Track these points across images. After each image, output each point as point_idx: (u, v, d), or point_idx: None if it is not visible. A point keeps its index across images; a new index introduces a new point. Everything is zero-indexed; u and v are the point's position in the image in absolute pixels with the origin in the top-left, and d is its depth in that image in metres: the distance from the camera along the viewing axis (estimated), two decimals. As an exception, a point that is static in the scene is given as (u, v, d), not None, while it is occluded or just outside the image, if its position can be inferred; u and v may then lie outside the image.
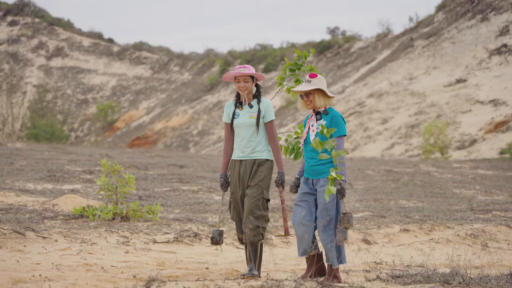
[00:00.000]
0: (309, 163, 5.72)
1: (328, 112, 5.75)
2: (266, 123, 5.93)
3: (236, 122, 5.93)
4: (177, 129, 51.24)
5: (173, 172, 17.13)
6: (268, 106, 5.95)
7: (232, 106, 6.03)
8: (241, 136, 5.91)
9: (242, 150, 5.89)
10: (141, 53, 64.48)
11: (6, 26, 64.73)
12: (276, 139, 5.93)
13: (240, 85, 5.89)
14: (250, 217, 5.73)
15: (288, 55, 53.73)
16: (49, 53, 62.03)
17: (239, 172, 5.87)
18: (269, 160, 5.88)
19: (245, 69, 5.88)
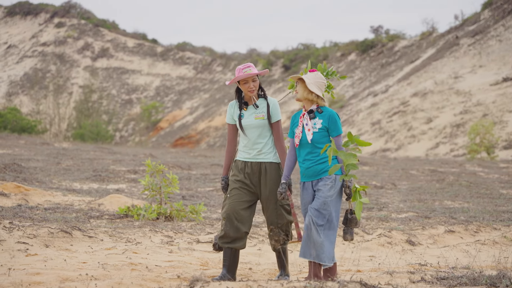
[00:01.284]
0: (306, 165, 5.39)
1: (323, 110, 5.42)
2: (272, 123, 5.67)
3: (242, 123, 5.65)
4: (220, 129, 51.45)
5: (216, 172, 17.22)
6: (275, 106, 5.70)
7: (235, 106, 5.73)
8: (247, 139, 5.65)
9: (248, 151, 5.65)
10: (185, 53, 64.97)
11: (53, 28, 65.96)
12: (283, 140, 5.69)
13: (250, 86, 5.59)
14: (274, 229, 5.61)
15: (330, 54, 53.50)
16: (94, 54, 62.97)
17: (245, 172, 5.62)
18: (275, 163, 5.65)
19: (251, 69, 5.61)
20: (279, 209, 5.60)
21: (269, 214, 5.61)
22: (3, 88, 56.75)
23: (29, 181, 12.61)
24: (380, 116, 38.49)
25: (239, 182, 5.59)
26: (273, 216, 5.60)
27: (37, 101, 52.81)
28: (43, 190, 10.97)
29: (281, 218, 5.61)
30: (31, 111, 50.27)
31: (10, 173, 13.65)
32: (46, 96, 53.90)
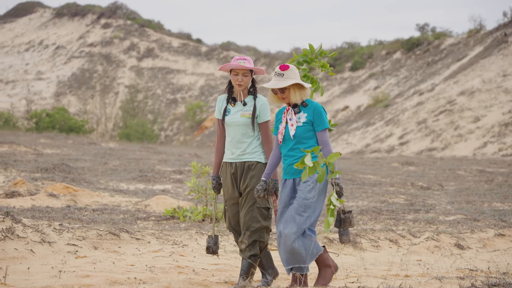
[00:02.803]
0: (288, 162, 5.06)
1: (308, 103, 5.12)
2: (260, 123, 5.33)
3: (226, 119, 5.34)
4: (264, 128, 51.47)
5: (261, 173, 17.22)
6: (264, 105, 5.37)
7: (224, 101, 5.43)
8: (231, 136, 5.35)
9: (232, 151, 5.34)
10: (229, 52, 65.19)
11: (100, 29, 66.94)
12: (271, 141, 5.35)
13: (238, 79, 5.28)
14: (246, 232, 5.20)
15: (375, 52, 53.02)
16: (140, 54, 63.67)
17: (231, 175, 5.32)
18: (260, 162, 5.28)
19: (245, 62, 5.29)
20: (255, 211, 5.20)
21: (243, 214, 5.22)
22: (52, 88, 57.82)
23: (77, 181, 12.81)
24: (426, 115, 37.98)
25: (230, 191, 5.29)
26: (247, 219, 5.20)
27: (84, 101, 53.62)
28: (91, 190, 11.13)
29: (256, 221, 5.19)
30: (78, 111, 51.07)
31: (59, 173, 13.89)
32: (93, 96, 54.72)
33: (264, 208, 5.21)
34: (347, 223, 4.97)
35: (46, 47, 65.72)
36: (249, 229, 5.17)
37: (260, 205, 5.19)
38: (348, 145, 38.24)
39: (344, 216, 4.96)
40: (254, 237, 5.19)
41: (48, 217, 8.06)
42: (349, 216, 4.97)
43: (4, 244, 6.00)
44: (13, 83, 58.49)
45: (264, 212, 5.22)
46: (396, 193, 13.34)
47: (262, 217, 5.21)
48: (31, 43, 66.99)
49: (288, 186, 5.07)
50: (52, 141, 24.92)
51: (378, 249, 7.88)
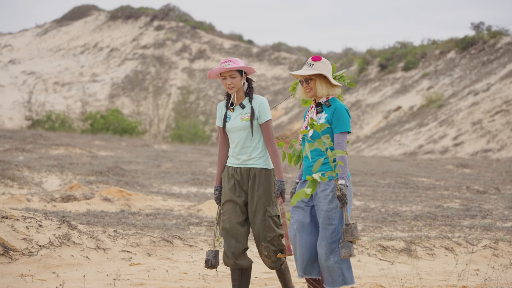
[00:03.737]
0: (306, 162, 4.83)
1: (331, 103, 4.84)
2: (261, 124, 5.12)
3: (227, 126, 5.15)
4: (315, 129, 51.26)
5: (313, 175, 17.13)
6: (263, 104, 5.18)
7: (223, 107, 5.25)
8: (234, 142, 5.15)
9: (236, 157, 5.13)
10: (280, 53, 65.19)
11: (152, 31, 67.77)
12: (274, 141, 5.12)
13: (227, 82, 5.09)
14: (263, 244, 5.03)
15: (428, 52, 52.24)
16: (192, 56, 64.22)
17: (235, 178, 5.12)
18: (265, 169, 5.09)
19: (230, 63, 5.10)
20: (268, 220, 5.01)
21: (257, 226, 5.03)
22: (106, 90, 58.81)
23: (131, 184, 12.97)
24: (481, 116, 37.22)
25: (231, 193, 5.10)
26: (260, 229, 5.02)
27: (137, 102, 54.40)
28: (144, 194, 11.24)
29: (270, 231, 5.01)
30: (131, 112, 51.80)
31: (113, 176, 14.09)
32: (146, 98, 55.44)
33: (275, 216, 5.06)
34: (348, 234, 4.61)
35: (100, 50, 66.91)
36: (265, 239, 5.03)
37: (271, 214, 5.02)
38: (400, 146, 37.78)
39: (346, 227, 4.62)
40: (273, 246, 5.04)
41: (103, 222, 8.17)
42: (350, 227, 4.62)
43: (60, 251, 6.10)
44: (68, 85, 59.73)
45: (276, 220, 5.07)
46: (451, 197, 13.08)
47: (276, 225, 5.06)
48: (86, 45, 68.30)
49: None
50: (106, 143, 25.32)
51: (434, 257, 7.72)
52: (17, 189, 11.74)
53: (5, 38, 72.06)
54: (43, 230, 6.31)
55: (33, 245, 6.04)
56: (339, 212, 4.67)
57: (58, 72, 62.76)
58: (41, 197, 10.41)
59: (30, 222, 6.34)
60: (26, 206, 9.52)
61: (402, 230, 9.34)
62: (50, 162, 15.87)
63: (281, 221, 4.99)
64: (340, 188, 4.59)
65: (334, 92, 4.88)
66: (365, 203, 12.21)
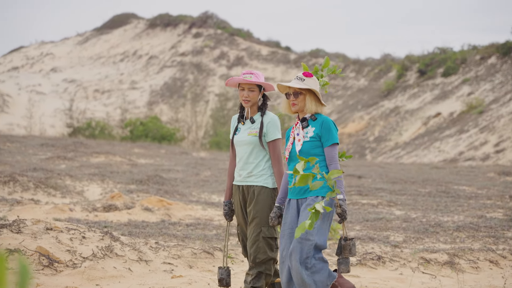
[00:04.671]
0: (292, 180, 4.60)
1: (317, 117, 4.75)
2: (268, 142, 4.93)
3: (235, 139, 5.01)
4: (353, 136, 51.00)
5: (351, 184, 17.02)
6: (273, 122, 5.00)
7: (236, 120, 5.13)
8: (239, 156, 5.00)
9: (239, 172, 5.00)
10: (317, 60, 65.03)
11: (191, 38, 68.29)
12: (281, 162, 4.93)
13: (244, 94, 4.97)
14: (251, 264, 4.85)
15: (469, 57, 51.56)
16: (229, 63, 64.50)
17: (239, 199, 4.98)
18: (265, 187, 4.89)
19: (251, 76, 4.97)
20: (261, 241, 4.82)
21: (249, 245, 4.86)
22: (145, 97, 59.41)
23: (171, 193, 13.05)
24: (524, 122, 36.56)
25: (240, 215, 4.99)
26: (252, 249, 4.84)
27: (176, 109, 54.80)
28: (184, 204, 11.30)
29: (262, 252, 4.82)
30: (170, 119, 52.20)
31: (153, 185, 14.20)
32: (184, 105, 55.83)
33: (270, 238, 4.85)
34: (347, 251, 4.49)
35: (139, 57, 67.65)
36: (254, 261, 4.83)
37: (266, 235, 4.83)
38: (440, 153, 37.34)
39: (345, 243, 4.49)
40: (260, 269, 4.84)
41: (144, 233, 8.24)
42: (349, 243, 4.49)
43: (103, 263, 6.16)
44: (108, 93, 60.51)
45: (271, 243, 4.87)
46: (493, 207, 12.86)
47: (269, 248, 4.86)
48: (125, 53, 69.13)
49: (293, 206, 4.68)
50: (146, 150, 25.55)
51: (478, 270, 7.59)
52: (60, 198, 11.91)
53: (47, 47, 73.39)
54: (87, 241, 6.39)
55: (77, 256, 6.11)
56: (319, 231, 4.49)
57: (98, 79, 63.64)
58: (83, 206, 10.54)
59: (74, 233, 6.42)
60: (69, 216, 9.66)
61: (444, 241, 9.21)
62: (91, 171, 16.08)
63: (278, 244, 4.79)
64: (340, 205, 4.45)
65: (322, 110, 4.79)
66: (406, 212, 12.08)
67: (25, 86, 60.30)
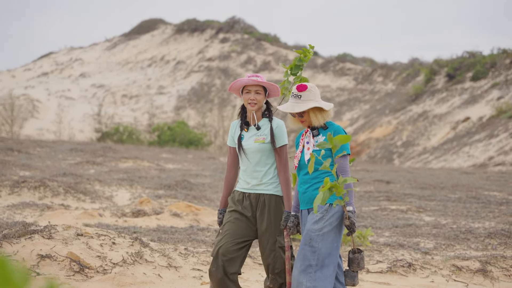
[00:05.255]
0: (301, 189, 4.56)
1: (328, 126, 4.60)
2: (276, 148, 4.78)
3: (241, 146, 4.82)
4: (381, 140, 50.69)
5: (380, 189, 16.90)
6: (280, 127, 4.81)
7: (237, 127, 4.92)
8: (245, 164, 4.81)
9: (246, 181, 4.80)
10: (345, 64, 64.83)
11: (218, 43, 68.52)
12: (287, 169, 4.77)
13: (250, 97, 4.76)
14: (271, 275, 4.73)
15: (498, 61, 50.98)
16: (256, 68, 64.56)
17: (242, 205, 4.77)
18: (276, 195, 4.77)
19: (258, 78, 4.79)
20: (278, 251, 4.70)
21: (265, 257, 4.74)
22: (172, 102, 59.71)
23: (199, 198, 13.06)
24: (555, 127, 36.04)
25: (234, 214, 4.76)
26: (269, 260, 4.71)
27: (203, 114, 54.97)
28: (212, 209, 11.30)
29: (280, 262, 4.71)
30: (197, 124, 52.39)
31: (181, 190, 14.23)
32: (211, 109, 56.01)
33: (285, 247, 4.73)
34: (355, 264, 4.35)
35: (167, 62, 68.04)
36: (273, 271, 4.72)
37: (282, 245, 4.71)
38: (469, 157, 36.94)
39: (353, 256, 4.35)
40: (281, 279, 4.72)
41: (173, 238, 8.25)
42: (358, 257, 4.35)
43: (133, 268, 6.17)
44: (136, 98, 60.93)
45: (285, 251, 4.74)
46: (525, 214, 12.66)
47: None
48: (153, 58, 69.58)
49: (304, 217, 4.57)
50: (173, 155, 25.64)
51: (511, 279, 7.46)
52: (89, 203, 11.99)
53: (76, 52, 74.16)
54: (116, 247, 6.41)
55: (107, 262, 6.13)
56: (323, 238, 4.33)
57: (126, 85, 64.12)
58: (112, 212, 10.60)
59: (104, 239, 6.45)
60: (99, 222, 9.71)
61: (475, 248, 9.08)
62: (119, 176, 16.17)
63: (286, 254, 4.67)
64: (349, 216, 4.29)
65: (328, 116, 4.61)
66: (436, 218, 11.95)
67: (55, 91, 60.99)
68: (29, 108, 53.69)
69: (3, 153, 19.99)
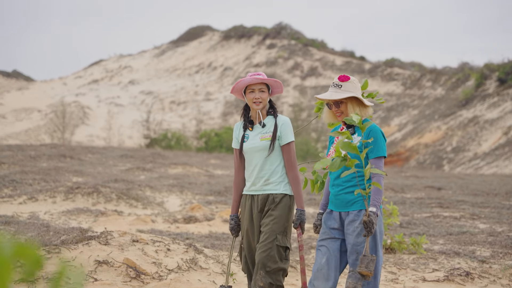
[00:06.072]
0: (334, 191, 4.32)
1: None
2: (282, 145, 4.63)
3: (245, 146, 4.67)
4: (430, 146, 50.01)
5: (431, 196, 16.64)
6: (286, 124, 4.69)
7: (240, 128, 4.78)
8: (252, 164, 4.66)
9: (253, 181, 4.64)
10: (393, 69, 64.23)
11: (265, 49, 68.66)
12: (296, 166, 4.62)
13: (255, 96, 4.63)
14: (261, 272, 4.48)
15: (552, 65, 49.79)
16: (303, 73, 64.45)
17: (251, 210, 4.64)
18: (286, 195, 4.59)
19: (261, 77, 4.67)
20: (273, 249, 4.48)
21: (260, 252, 4.49)
22: (219, 108, 60.02)
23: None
24: None
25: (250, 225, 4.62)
26: (263, 256, 4.47)
27: (250, 120, 55.16)
28: (263, 215, 11.30)
29: (273, 261, 4.48)
30: (244, 130, 52.58)
31: (230, 196, 14.27)
32: (258, 115, 56.12)
33: (283, 247, 4.53)
34: (363, 265, 4.04)
35: (214, 69, 68.48)
36: (264, 268, 4.48)
37: (280, 243, 4.50)
38: (522, 163, 36.16)
39: (362, 257, 4.06)
40: (271, 279, 4.48)
41: (226, 245, 8.26)
42: (368, 257, 4.05)
43: (188, 275, 6.19)
44: (184, 104, 61.46)
45: (283, 253, 4.54)
46: None
47: (280, 258, 4.52)
48: (200, 65, 70.13)
49: (335, 218, 4.31)
50: (221, 161, 25.75)
51: None
52: (141, 210, 12.11)
53: (125, 60, 75.27)
54: (171, 254, 6.44)
55: (162, 269, 6.17)
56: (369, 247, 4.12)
57: (174, 91, 64.75)
58: (164, 218, 10.68)
59: (159, 246, 6.49)
60: (152, 228, 9.80)
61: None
62: (169, 182, 16.30)
63: (299, 253, 4.51)
64: (369, 214, 4.03)
65: (367, 113, 4.41)
66: (491, 226, 11.70)
67: (105, 98, 61.97)
68: (80, 115, 54.68)
69: (56, 159, 20.37)
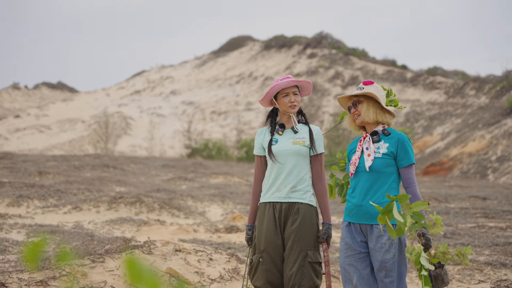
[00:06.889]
0: (355, 201, 4.16)
1: (390, 132, 4.22)
2: (314, 156, 4.43)
3: (274, 149, 4.39)
4: (473, 155, 49.24)
5: (476, 206, 16.36)
6: (319, 134, 4.48)
7: (266, 133, 4.52)
8: (277, 170, 4.37)
9: (278, 187, 4.36)
10: (435, 78, 63.53)
11: (305, 59, 68.63)
12: (324, 179, 4.41)
13: (290, 100, 4.40)
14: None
15: None
16: (344, 83, 64.20)
17: (275, 217, 4.34)
18: (310, 205, 4.34)
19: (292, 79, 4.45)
20: (306, 267, 4.24)
21: (291, 271, 4.25)
22: (260, 118, 60.09)
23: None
24: None
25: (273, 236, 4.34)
26: (295, 275, 4.22)
27: (291, 129, 55.13)
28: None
29: (307, 279, 4.24)
30: (285, 139, 52.55)
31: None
32: (299, 125, 56.05)
33: (316, 263, 4.29)
34: (439, 281, 3.95)
35: (255, 79, 68.69)
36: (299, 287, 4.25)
37: (312, 260, 4.26)
38: None
39: (435, 273, 3.96)
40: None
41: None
42: (440, 272, 3.96)
43: (231, 285, 6.20)
44: (225, 114, 61.75)
45: (317, 268, 4.30)
46: None
47: (315, 274, 4.29)
48: (241, 75, 70.43)
49: (356, 232, 4.18)
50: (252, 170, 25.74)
51: None
52: (183, 219, 12.18)
53: (167, 70, 76.07)
54: (214, 263, 6.46)
55: (205, 278, 6.18)
56: (396, 263, 4.03)
57: (215, 101, 65.13)
58: (206, 227, 10.72)
59: (201, 255, 6.51)
60: (194, 237, 9.84)
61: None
62: (211, 191, 16.37)
63: (325, 269, 4.29)
64: (423, 233, 3.90)
65: (385, 119, 4.28)
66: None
67: (147, 108, 62.67)
68: (123, 125, 55.38)
69: (100, 169, 20.65)
